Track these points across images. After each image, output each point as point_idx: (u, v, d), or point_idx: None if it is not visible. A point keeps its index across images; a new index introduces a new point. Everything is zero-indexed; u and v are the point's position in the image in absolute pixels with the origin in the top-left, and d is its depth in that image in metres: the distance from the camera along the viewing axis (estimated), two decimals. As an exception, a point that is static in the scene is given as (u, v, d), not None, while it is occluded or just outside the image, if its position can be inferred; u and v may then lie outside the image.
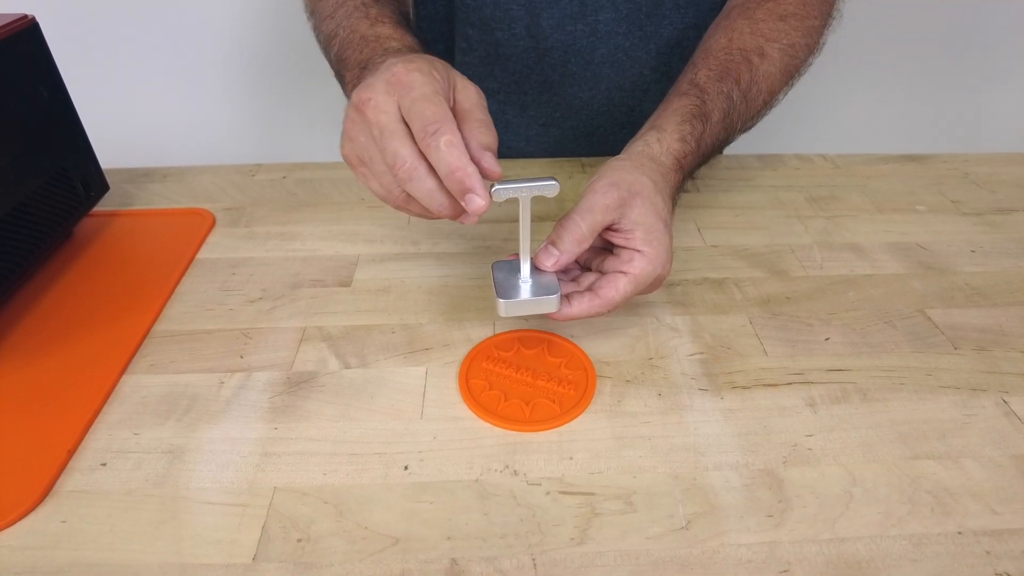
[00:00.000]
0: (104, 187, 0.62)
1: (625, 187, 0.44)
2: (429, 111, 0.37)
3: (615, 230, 0.44)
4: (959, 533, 0.35)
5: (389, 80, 0.39)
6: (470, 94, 0.41)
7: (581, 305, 0.43)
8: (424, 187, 0.39)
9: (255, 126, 1.22)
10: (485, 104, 0.42)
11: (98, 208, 0.62)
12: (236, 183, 0.69)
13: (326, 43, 0.57)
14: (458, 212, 0.40)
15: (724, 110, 0.53)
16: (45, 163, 0.54)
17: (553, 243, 0.43)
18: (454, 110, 0.41)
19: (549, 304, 0.42)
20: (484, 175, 0.38)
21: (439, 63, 0.42)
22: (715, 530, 0.36)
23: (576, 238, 0.42)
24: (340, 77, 0.55)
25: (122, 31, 1.10)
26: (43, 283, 0.54)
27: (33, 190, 0.52)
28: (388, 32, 0.51)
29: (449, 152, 0.37)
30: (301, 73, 1.16)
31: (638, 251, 0.43)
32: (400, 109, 0.39)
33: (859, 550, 0.35)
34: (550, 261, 0.43)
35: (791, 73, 0.58)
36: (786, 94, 0.59)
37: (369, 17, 0.53)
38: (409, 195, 0.41)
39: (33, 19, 0.53)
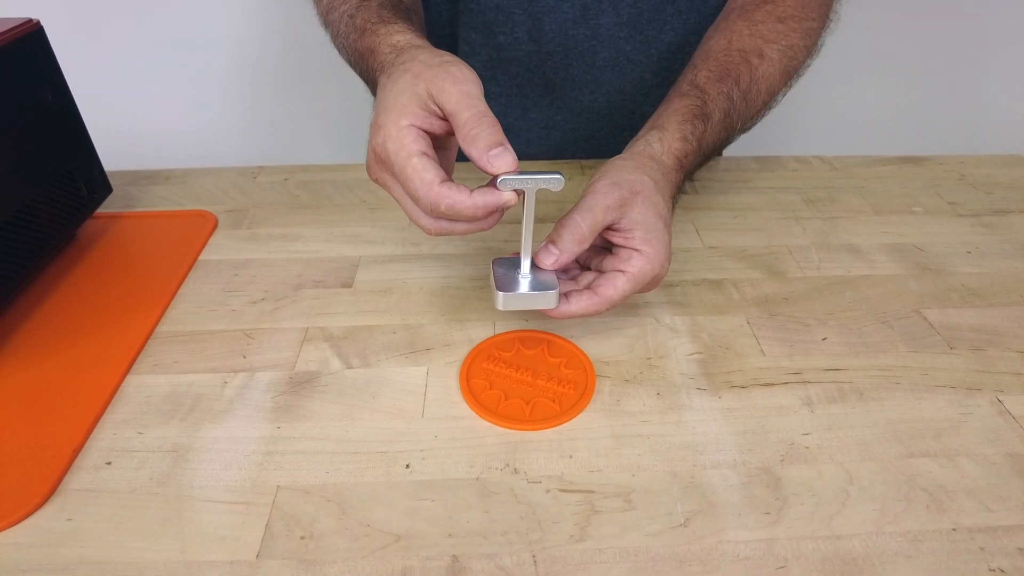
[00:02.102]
0: (107, 189, 0.62)
1: (626, 187, 0.44)
2: (414, 187, 0.39)
3: (615, 229, 0.45)
4: (954, 530, 0.36)
5: (374, 159, 0.42)
6: (450, 96, 0.38)
7: (579, 303, 0.44)
8: (459, 231, 0.41)
9: (257, 128, 1.23)
10: (472, 89, 0.39)
11: (101, 210, 0.62)
12: (238, 185, 0.70)
13: (349, 63, 0.56)
14: (499, 217, 0.41)
15: (724, 110, 0.53)
16: (49, 166, 0.55)
17: (553, 242, 0.43)
18: (445, 117, 0.40)
19: (547, 300, 0.43)
20: (500, 172, 0.38)
21: (405, 89, 0.40)
22: (713, 527, 0.36)
23: (577, 238, 0.43)
24: None
25: (126, 35, 1.10)
26: (47, 285, 0.54)
27: (37, 192, 0.53)
28: (370, 44, 0.49)
29: (455, 211, 0.38)
30: (303, 76, 1.16)
31: (637, 250, 0.44)
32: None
33: (855, 547, 0.35)
34: (550, 260, 0.43)
35: (790, 74, 0.58)
36: (785, 95, 0.59)
37: (356, 28, 0.51)
38: None
39: (38, 23, 0.54)
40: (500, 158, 0.38)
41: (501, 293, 0.43)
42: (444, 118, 0.40)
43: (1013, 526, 0.36)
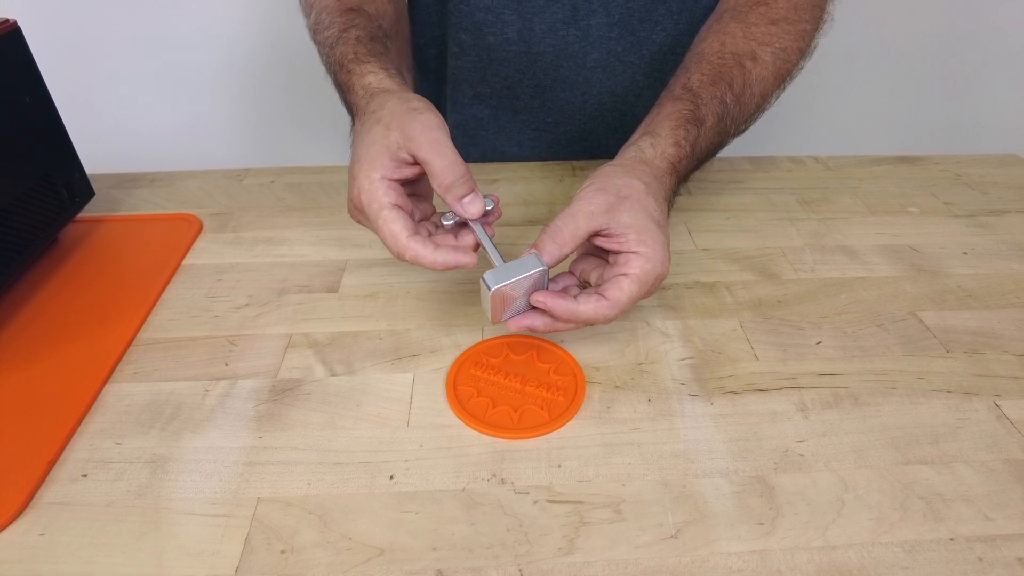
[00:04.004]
0: (89, 192, 0.61)
1: (613, 192, 0.43)
2: (383, 236, 0.43)
3: (607, 236, 0.43)
4: (951, 540, 0.35)
5: (352, 206, 0.45)
6: (421, 144, 0.42)
7: (588, 304, 0.42)
8: (439, 267, 0.44)
9: (243, 131, 1.22)
10: (440, 136, 0.43)
11: (84, 214, 0.61)
12: (224, 188, 0.69)
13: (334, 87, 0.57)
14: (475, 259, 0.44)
15: (718, 114, 0.53)
16: (28, 169, 0.53)
17: (535, 246, 0.43)
18: (415, 162, 0.43)
19: (530, 261, 0.42)
20: (472, 216, 0.44)
21: (376, 140, 0.43)
22: (705, 538, 0.35)
23: (558, 241, 0.42)
24: None
25: (108, 35, 1.09)
26: (27, 290, 0.53)
27: (15, 196, 0.52)
28: (346, 81, 0.51)
29: (418, 263, 0.42)
30: (289, 77, 1.15)
31: (634, 252, 0.43)
32: None
33: (850, 558, 0.34)
34: None
35: (783, 77, 0.58)
36: (778, 97, 0.59)
37: (336, 61, 0.53)
38: None
39: (15, 23, 0.52)
40: (472, 204, 0.43)
41: (487, 275, 0.41)
42: (414, 163, 0.43)
43: (1012, 535, 0.35)
